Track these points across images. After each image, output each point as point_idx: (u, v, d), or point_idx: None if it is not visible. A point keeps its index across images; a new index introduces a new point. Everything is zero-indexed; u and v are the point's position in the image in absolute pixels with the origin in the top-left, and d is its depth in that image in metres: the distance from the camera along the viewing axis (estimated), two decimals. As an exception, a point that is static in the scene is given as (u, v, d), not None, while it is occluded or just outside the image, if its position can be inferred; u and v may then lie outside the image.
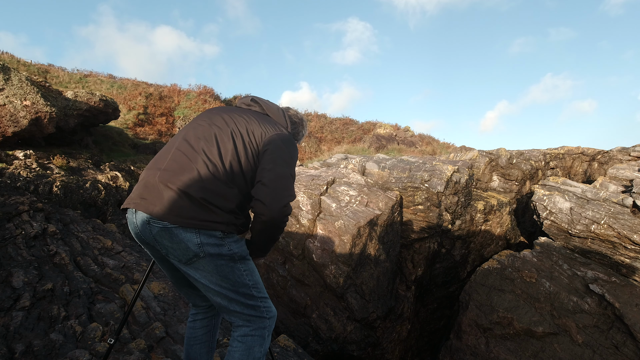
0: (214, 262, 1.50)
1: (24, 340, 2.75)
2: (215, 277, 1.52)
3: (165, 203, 1.43)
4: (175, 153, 1.55)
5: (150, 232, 1.48)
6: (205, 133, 1.59)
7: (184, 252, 1.46)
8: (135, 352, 2.82)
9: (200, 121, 1.67)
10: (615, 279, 5.11)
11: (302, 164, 8.81)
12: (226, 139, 1.57)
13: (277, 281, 5.94)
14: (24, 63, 14.24)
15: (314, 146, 19.81)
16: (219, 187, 1.50)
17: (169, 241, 1.46)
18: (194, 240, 1.45)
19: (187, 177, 1.47)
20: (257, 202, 1.51)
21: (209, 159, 1.51)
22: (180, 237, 1.44)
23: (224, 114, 1.69)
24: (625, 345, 4.53)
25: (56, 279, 3.78)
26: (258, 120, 1.67)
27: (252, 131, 1.61)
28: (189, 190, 1.45)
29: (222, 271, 1.52)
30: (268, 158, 1.57)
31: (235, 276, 1.55)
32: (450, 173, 6.88)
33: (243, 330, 1.59)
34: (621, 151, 8.69)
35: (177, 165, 1.50)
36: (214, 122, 1.64)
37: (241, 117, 1.67)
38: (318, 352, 5.40)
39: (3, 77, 7.47)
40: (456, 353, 5.41)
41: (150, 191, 1.47)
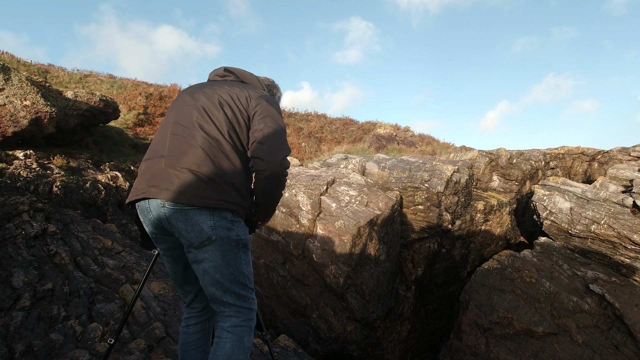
0: (222, 246, 1.54)
1: (24, 340, 2.75)
2: (220, 263, 1.54)
3: (177, 185, 1.46)
4: (172, 138, 1.57)
5: (165, 217, 1.50)
6: (194, 110, 1.61)
7: (198, 234, 1.49)
8: (135, 352, 2.82)
9: (184, 102, 1.68)
10: (615, 279, 5.11)
11: (302, 164, 8.81)
12: (216, 111, 1.61)
13: (277, 281, 5.94)
14: (24, 63, 14.24)
15: (314, 146, 19.81)
16: (224, 161, 1.54)
17: (183, 223, 1.49)
18: (207, 222, 1.49)
19: (193, 156, 1.50)
20: (257, 160, 1.55)
21: (208, 134, 1.55)
22: (195, 219, 1.48)
23: (204, 88, 1.71)
24: (625, 345, 4.53)
25: (56, 279, 3.78)
26: (239, 87, 1.71)
27: (237, 98, 1.66)
28: (199, 169, 1.48)
29: (226, 257, 1.55)
30: (258, 118, 1.62)
31: (236, 263, 1.59)
32: (450, 173, 6.88)
33: (233, 320, 1.60)
34: (621, 151, 8.69)
35: (180, 148, 1.52)
36: (198, 98, 1.65)
37: (221, 87, 1.70)
38: (318, 352, 5.40)
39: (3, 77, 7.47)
40: (456, 353, 5.41)
41: (159, 178, 1.49)
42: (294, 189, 6.62)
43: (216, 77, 1.86)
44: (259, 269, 6.20)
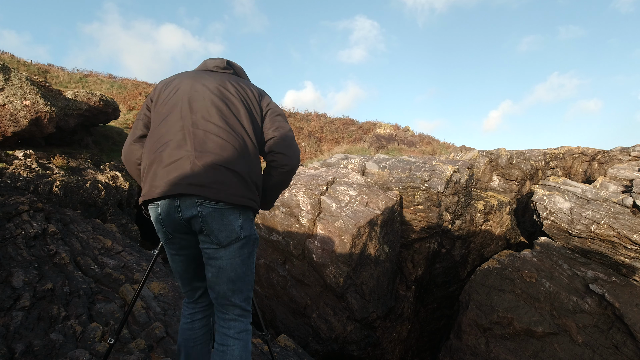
0: (244, 245, 1.57)
1: (24, 340, 2.75)
2: (237, 261, 1.56)
3: (218, 183, 1.45)
4: (197, 133, 1.51)
5: (202, 215, 1.48)
6: (216, 103, 1.58)
7: (229, 233, 1.51)
8: (135, 352, 2.83)
9: (197, 91, 1.62)
10: (615, 279, 5.11)
11: (302, 164, 8.81)
12: (240, 107, 1.61)
13: (277, 281, 5.94)
14: (24, 63, 14.24)
15: (314, 146, 19.81)
16: (250, 159, 1.57)
17: (218, 223, 1.49)
18: (238, 221, 1.53)
19: (226, 154, 1.50)
20: (279, 155, 1.63)
21: (235, 131, 1.55)
22: (229, 217, 1.50)
23: (214, 78, 1.68)
24: (625, 345, 4.53)
25: (56, 279, 3.78)
26: (246, 83, 1.75)
27: (252, 94, 1.69)
28: (234, 167, 1.49)
29: (243, 255, 1.58)
30: (274, 116, 1.70)
31: (249, 262, 1.62)
32: (450, 173, 6.88)
33: (238, 326, 1.61)
34: (621, 151, 8.69)
35: (210, 144, 1.50)
36: (215, 90, 1.62)
37: (234, 81, 1.70)
38: (318, 352, 5.40)
39: (3, 77, 7.47)
40: (456, 353, 5.41)
41: (195, 175, 1.45)
42: (294, 189, 6.62)
43: (217, 69, 1.81)
44: (259, 269, 6.20)
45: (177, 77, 1.72)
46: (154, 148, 1.55)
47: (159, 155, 1.51)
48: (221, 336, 1.60)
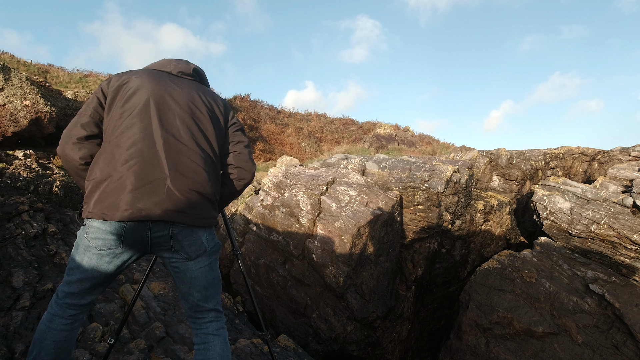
0: (209, 255, 1.66)
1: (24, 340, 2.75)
2: (205, 270, 1.64)
3: (190, 209, 1.51)
4: (170, 153, 1.49)
5: (172, 234, 1.51)
6: (187, 121, 1.56)
7: (198, 247, 1.58)
8: (135, 352, 2.83)
9: (165, 104, 1.55)
10: (615, 279, 5.11)
11: (302, 164, 8.81)
12: (209, 126, 1.63)
13: (277, 281, 5.94)
14: (24, 63, 14.24)
15: (314, 146, 19.81)
16: (217, 181, 1.66)
17: (188, 239, 1.55)
18: (205, 236, 1.61)
19: (199, 178, 1.54)
20: (238, 169, 1.73)
21: (206, 154, 1.59)
22: (198, 234, 1.57)
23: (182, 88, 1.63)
24: (625, 345, 4.53)
25: (56, 279, 3.78)
26: (212, 96, 1.74)
27: (217, 107, 1.71)
28: (204, 191, 1.56)
29: (210, 264, 1.67)
30: (235, 131, 1.76)
31: (215, 268, 1.71)
32: (450, 173, 6.88)
33: (215, 324, 1.70)
34: (621, 151, 8.69)
35: (183, 167, 1.50)
36: (184, 104, 1.59)
37: (202, 93, 1.69)
38: (318, 352, 5.40)
39: (3, 77, 7.47)
40: (456, 353, 5.41)
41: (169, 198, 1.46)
42: (294, 189, 6.62)
43: (182, 75, 1.73)
44: (259, 269, 6.20)
45: (136, 76, 1.60)
46: (118, 161, 1.45)
47: (127, 173, 1.44)
48: (201, 336, 1.68)
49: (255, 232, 6.51)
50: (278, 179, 7.19)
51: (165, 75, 1.66)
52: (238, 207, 7.43)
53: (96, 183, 1.46)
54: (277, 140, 19.66)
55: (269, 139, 19.45)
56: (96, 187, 1.46)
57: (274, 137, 19.79)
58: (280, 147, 19.07)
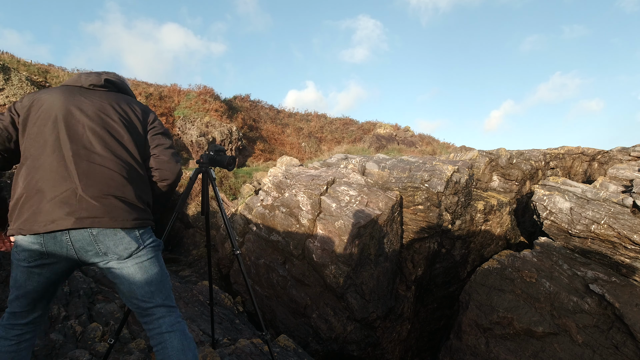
0: (146, 253, 1.66)
1: (24, 340, 2.74)
2: (145, 265, 1.65)
3: (109, 212, 1.54)
4: (80, 164, 1.54)
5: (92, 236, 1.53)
6: (97, 132, 1.61)
7: (127, 245, 1.59)
8: (135, 352, 2.83)
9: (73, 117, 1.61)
10: (615, 279, 5.11)
11: (302, 164, 8.81)
12: (121, 131, 1.67)
13: (277, 281, 5.94)
14: (24, 63, 14.23)
15: (314, 146, 19.81)
16: (139, 182, 1.68)
17: (112, 239, 1.56)
18: (134, 233, 1.62)
19: (114, 183, 1.57)
20: (158, 171, 1.75)
21: (120, 159, 1.62)
22: (123, 233, 1.58)
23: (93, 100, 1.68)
24: (625, 345, 4.53)
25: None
26: (128, 103, 1.78)
27: (135, 116, 1.75)
28: (123, 195, 1.59)
29: (149, 260, 1.67)
30: (154, 135, 1.79)
31: (159, 264, 1.72)
32: (450, 173, 6.88)
33: (168, 319, 1.69)
34: (621, 151, 8.69)
35: (96, 175, 1.55)
36: (93, 116, 1.63)
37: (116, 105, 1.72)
38: (318, 352, 5.40)
39: (3, 77, 7.47)
40: (456, 353, 5.41)
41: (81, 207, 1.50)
42: (294, 189, 6.62)
43: (93, 87, 1.77)
44: (259, 269, 6.20)
45: (47, 94, 1.66)
46: (32, 178, 1.51)
47: (40, 187, 1.49)
48: (155, 337, 1.67)
49: (255, 232, 6.51)
50: (278, 179, 7.19)
51: (76, 89, 1.72)
52: (238, 207, 7.42)
53: (15, 200, 1.52)
54: (277, 140, 19.66)
55: (269, 139, 19.45)
56: (15, 204, 1.52)
57: (274, 137, 19.78)
58: (280, 147, 19.07)
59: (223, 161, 2.56)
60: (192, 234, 9.88)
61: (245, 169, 14.23)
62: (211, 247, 2.88)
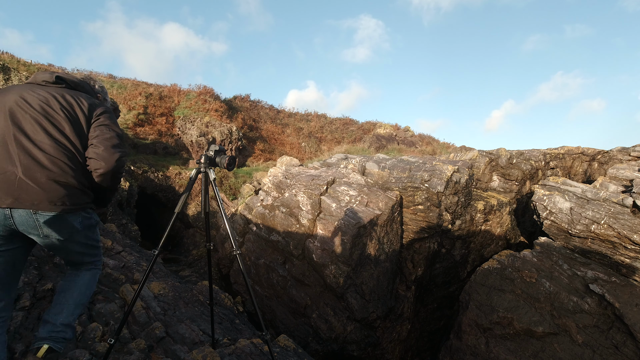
0: (83, 233, 1.87)
1: (24, 340, 2.75)
2: (81, 240, 1.89)
3: (48, 196, 1.65)
4: (22, 149, 1.66)
5: (37, 223, 1.66)
6: (40, 120, 1.73)
7: (70, 230, 1.78)
8: (135, 352, 2.83)
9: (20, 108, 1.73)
10: (615, 279, 5.11)
11: (302, 164, 8.81)
12: (66, 125, 1.77)
13: (277, 281, 5.94)
14: (24, 63, 14.23)
15: (314, 146, 19.81)
16: (79, 168, 1.79)
17: (57, 227, 1.72)
18: (77, 219, 1.80)
19: (55, 168, 1.68)
20: (92, 160, 1.80)
21: (61, 145, 1.73)
22: (67, 220, 1.75)
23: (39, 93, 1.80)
24: (625, 345, 4.53)
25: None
26: (75, 97, 1.88)
27: (79, 109, 1.84)
28: (67, 179, 1.71)
29: (85, 238, 1.91)
30: (96, 126, 1.86)
31: (92, 236, 1.97)
32: (450, 173, 6.88)
33: (89, 267, 2.05)
34: (621, 151, 8.69)
35: (36, 160, 1.66)
36: (38, 106, 1.76)
37: (61, 98, 1.82)
38: (318, 352, 5.40)
39: (3, 77, 7.47)
40: (456, 353, 5.41)
41: (20, 188, 1.62)
42: (294, 189, 6.62)
43: (45, 83, 1.91)
44: (259, 269, 6.20)
45: (4, 90, 1.83)
46: None
47: None
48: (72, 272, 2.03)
49: (255, 232, 6.51)
50: (278, 179, 7.19)
51: (28, 86, 1.87)
52: (238, 207, 7.43)
53: None
54: (277, 140, 19.66)
55: (269, 139, 19.45)
56: None
57: (274, 137, 19.79)
58: (280, 147, 19.07)
59: (223, 161, 2.56)
60: (192, 234, 9.87)
61: (245, 169, 14.23)
62: (211, 247, 2.88)
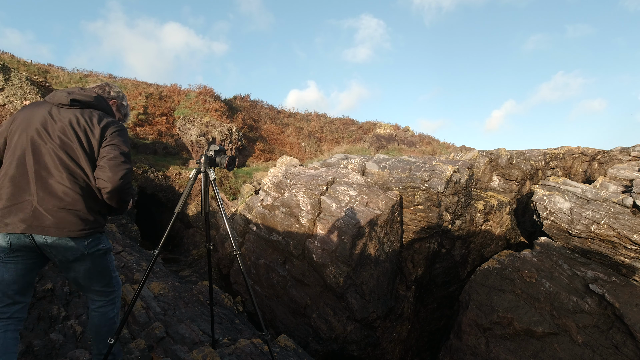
0: (92, 258, 1.95)
1: (24, 340, 2.75)
2: (88, 266, 1.95)
3: (57, 222, 1.78)
4: (39, 179, 1.80)
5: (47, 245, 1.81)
6: (56, 152, 1.84)
7: (74, 252, 1.87)
8: (135, 352, 2.83)
9: (39, 137, 1.85)
10: (615, 279, 5.11)
11: (302, 164, 8.81)
12: (81, 156, 1.87)
13: (277, 281, 5.94)
14: (24, 63, 14.23)
15: (314, 146, 19.81)
16: (91, 195, 1.89)
17: (63, 247, 1.84)
18: (83, 242, 1.88)
19: (67, 197, 1.81)
20: (99, 180, 1.88)
21: (75, 176, 1.84)
22: (73, 242, 1.85)
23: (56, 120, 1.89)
24: (625, 345, 4.53)
25: (56, 279, 3.78)
26: (89, 119, 1.94)
27: (92, 133, 1.91)
28: (77, 208, 1.83)
29: (94, 263, 1.97)
30: (105, 147, 1.93)
31: (104, 263, 2.04)
32: (450, 173, 6.88)
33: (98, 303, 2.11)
34: (621, 151, 8.69)
35: (51, 190, 1.80)
36: (55, 137, 1.85)
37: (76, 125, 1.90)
38: (318, 352, 5.40)
39: (3, 77, 7.48)
40: (456, 353, 5.41)
41: (34, 216, 1.77)
42: (294, 189, 6.62)
43: (62, 106, 1.97)
44: (259, 269, 6.20)
45: (25, 111, 1.94)
46: (1, 187, 1.81)
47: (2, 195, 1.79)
48: (90, 311, 2.13)
49: (255, 232, 6.51)
50: (278, 179, 7.19)
51: (48, 107, 1.94)
52: (238, 207, 7.43)
53: None
54: (277, 140, 19.66)
55: (268, 139, 19.45)
56: None
57: (274, 137, 19.78)
58: (280, 147, 19.07)
59: (223, 161, 2.56)
60: (192, 234, 9.88)
61: (245, 169, 14.23)
62: (211, 247, 2.88)
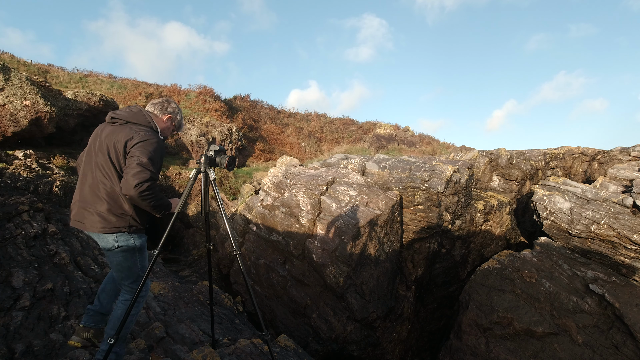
0: (121, 251, 2.38)
1: (24, 340, 2.75)
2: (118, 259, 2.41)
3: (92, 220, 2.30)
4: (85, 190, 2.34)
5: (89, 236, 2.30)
6: (96, 169, 2.32)
7: (106, 244, 2.36)
8: (135, 352, 2.83)
9: (92, 156, 2.36)
10: (615, 279, 5.11)
11: (302, 164, 8.81)
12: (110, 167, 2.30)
13: (277, 281, 5.94)
14: (24, 63, 14.23)
15: (314, 146, 19.81)
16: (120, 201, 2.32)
17: (97, 237, 2.37)
18: (112, 237, 2.34)
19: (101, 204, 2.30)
20: (122, 188, 2.25)
21: (107, 188, 2.29)
22: (104, 236, 2.34)
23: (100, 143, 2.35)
24: (625, 345, 4.53)
25: (56, 279, 3.78)
26: (123, 133, 2.31)
27: (120, 147, 2.28)
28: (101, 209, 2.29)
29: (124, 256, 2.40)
30: (129, 158, 2.28)
31: (131, 260, 2.45)
32: (450, 173, 6.88)
33: (124, 296, 2.50)
34: (621, 151, 8.69)
35: (91, 198, 2.32)
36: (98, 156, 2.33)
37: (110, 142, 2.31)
38: (318, 352, 5.40)
39: (3, 77, 7.47)
40: (456, 353, 5.41)
41: (79, 213, 2.34)
42: (294, 189, 6.62)
43: (109, 123, 2.42)
44: (259, 269, 6.20)
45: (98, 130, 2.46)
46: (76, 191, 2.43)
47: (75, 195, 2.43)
48: (117, 302, 2.51)
49: (255, 232, 6.51)
50: (278, 179, 7.19)
51: (102, 126, 2.44)
52: (238, 207, 7.43)
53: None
54: (277, 140, 19.66)
55: (269, 139, 19.44)
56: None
57: (274, 137, 19.78)
58: (280, 147, 19.07)
59: (223, 161, 2.56)
60: (192, 234, 9.87)
61: (245, 169, 14.23)
62: (211, 247, 2.88)
